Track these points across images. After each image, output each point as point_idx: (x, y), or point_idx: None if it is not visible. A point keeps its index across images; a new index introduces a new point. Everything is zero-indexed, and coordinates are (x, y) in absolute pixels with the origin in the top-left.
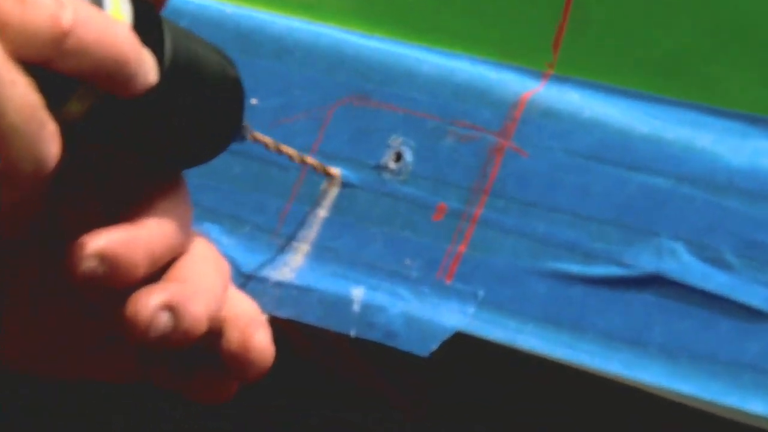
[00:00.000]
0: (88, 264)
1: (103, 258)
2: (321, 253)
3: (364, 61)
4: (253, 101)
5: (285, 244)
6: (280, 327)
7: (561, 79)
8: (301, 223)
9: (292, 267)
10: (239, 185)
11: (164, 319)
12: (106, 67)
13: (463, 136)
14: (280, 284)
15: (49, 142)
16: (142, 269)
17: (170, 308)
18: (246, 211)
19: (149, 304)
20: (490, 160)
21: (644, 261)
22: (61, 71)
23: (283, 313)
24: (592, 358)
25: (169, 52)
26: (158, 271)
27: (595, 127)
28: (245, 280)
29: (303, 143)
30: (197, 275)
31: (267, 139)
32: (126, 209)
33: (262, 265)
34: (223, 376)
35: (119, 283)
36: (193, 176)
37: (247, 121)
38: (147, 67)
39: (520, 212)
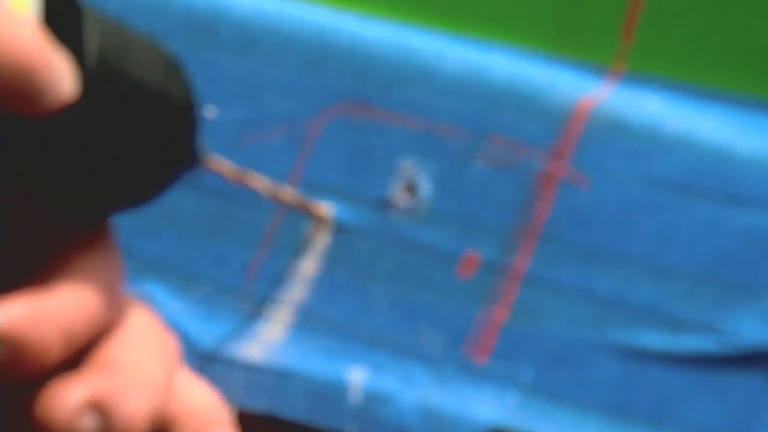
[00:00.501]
0: None
1: (3, 340)
2: (306, 322)
3: (363, 55)
4: (210, 114)
5: (256, 311)
6: (250, 425)
7: (634, 78)
8: (278, 280)
9: (266, 342)
10: (193, 230)
11: (89, 423)
12: (3, 78)
13: (500, 159)
14: (249, 366)
15: None
16: (55, 353)
17: (96, 407)
18: (202, 266)
19: (68, 402)
20: (537, 193)
21: (748, 330)
22: None
23: (254, 406)
24: None
25: (92, 53)
26: (78, 353)
27: (680, 147)
28: (202, 361)
29: (279, 170)
30: (132, 359)
31: (229, 167)
32: (32, 271)
33: (225, 340)
34: None
35: (26, 372)
36: (128, 219)
37: (202, 142)
38: (61, 76)
39: (579, 264)
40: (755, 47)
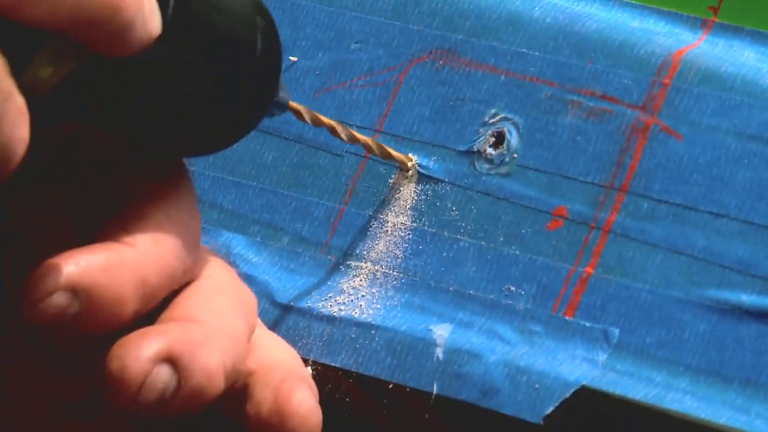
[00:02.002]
0: (57, 300)
1: (77, 290)
2: (389, 275)
3: (450, 2)
4: (292, 59)
5: (338, 263)
6: (330, 382)
7: (728, 30)
8: (361, 232)
9: (348, 296)
10: (273, 179)
11: (164, 376)
12: (89, 15)
13: (591, 110)
14: (331, 320)
15: (15, 121)
16: (131, 306)
17: (171, 360)
18: (284, 217)
19: (142, 354)
20: (630, 145)
21: None
22: (26, 21)
23: (335, 362)
24: None
25: None
26: (154, 307)
27: None
28: (282, 313)
29: (363, 119)
30: (209, 313)
31: (312, 114)
32: (108, 220)
33: (306, 293)
34: None
35: (100, 325)
36: (206, 167)
37: (286, 89)
38: (147, 14)
39: (672, 218)
40: None
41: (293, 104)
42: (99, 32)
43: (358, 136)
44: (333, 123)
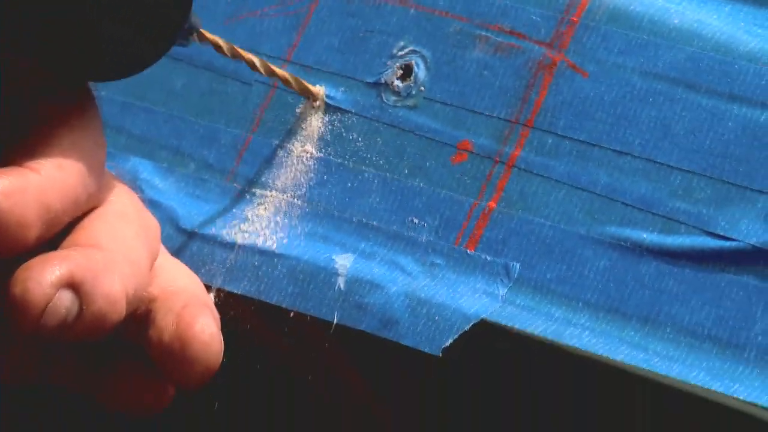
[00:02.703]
0: None
1: None
2: (293, 204)
3: None
4: None
5: (244, 191)
6: (233, 309)
7: None
8: (268, 161)
9: (252, 224)
10: (181, 105)
11: (66, 301)
12: None
13: (499, 45)
14: (234, 247)
15: None
16: (34, 230)
17: (74, 285)
18: (190, 143)
19: (44, 279)
20: (536, 81)
21: (745, 229)
22: None
23: (237, 289)
24: (669, 364)
25: None
26: (58, 233)
27: (683, 39)
28: (186, 239)
29: (272, 48)
30: (112, 239)
31: (221, 42)
32: (11, 143)
33: (210, 220)
34: (152, 378)
35: (3, 249)
36: (115, 92)
37: (195, 16)
38: None
39: (576, 155)
40: None
41: (212, 36)
42: None
43: (278, 71)
44: (252, 57)
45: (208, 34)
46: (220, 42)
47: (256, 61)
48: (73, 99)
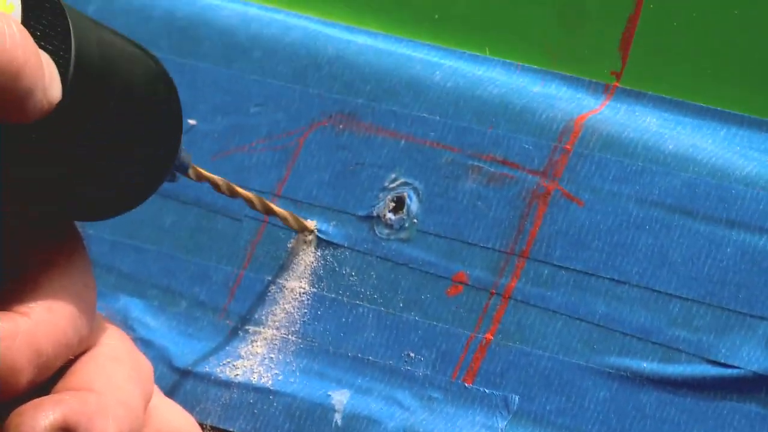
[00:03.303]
0: None
1: None
2: (287, 341)
3: (351, 64)
4: (192, 122)
5: (237, 328)
6: None
7: (631, 95)
8: (260, 297)
9: (246, 361)
10: (171, 243)
11: None
12: None
13: (492, 175)
14: (229, 385)
15: None
16: (25, 375)
17: (67, 430)
18: (181, 280)
19: (38, 425)
20: (530, 211)
21: (746, 356)
22: None
23: (233, 427)
24: None
25: (75, 56)
26: (49, 376)
27: (678, 165)
28: (180, 378)
29: (262, 183)
30: (105, 382)
31: (218, 180)
32: (2, 291)
33: (204, 358)
34: None
35: None
36: (104, 231)
37: (185, 151)
38: (47, 82)
39: (573, 285)
40: (755, 67)
41: (209, 174)
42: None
43: (276, 209)
44: (250, 195)
45: (205, 173)
46: (218, 180)
47: (254, 199)
48: (61, 240)
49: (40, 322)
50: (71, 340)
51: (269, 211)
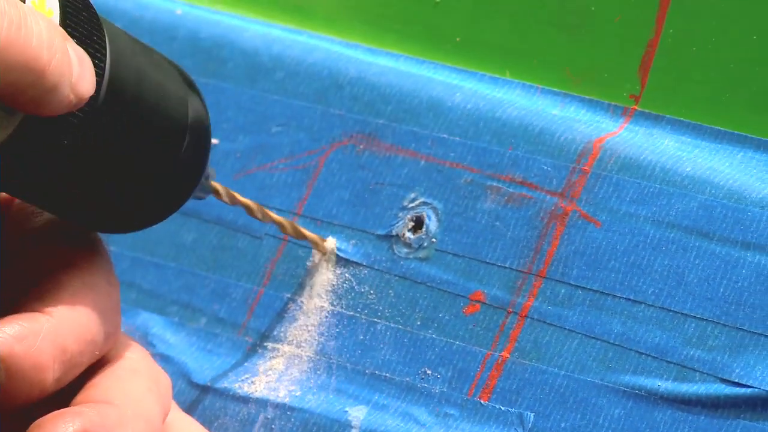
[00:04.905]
0: None
1: None
2: (306, 358)
3: (372, 85)
4: (215, 141)
5: (256, 345)
6: None
7: (650, 118)
8: (279, 315)
9: (265, 377)
10: (192, 260)
11: None
12: (15, 76)
13: (510, 195)
14: (247, 401)
15: None
16: (51, 373)
17: None
18: (201, 297)
19: None
20: (548, 231)
21: (760, 375)
22: None
23: None
24: None
25: (110, 62)
26: (77, 375)
27: (695, 188)
28: (199, 394)
29: (282, 202)
30: (124, 395)
31: (246, 203)
32: (25, 291)
33: (223, 374)
34: None
35: (23, 394)
36: (125, 247)
37: (211, 167)
38: (76, 76)
39: (589, 304)
40: None
41: (244, 199)
42: (23, 92)
43: (274, 216)
44: (249, 202)
45: (239, 197)
46: (251, 204)
47: (286, 224)
48: (82, 240)
49: (63, 320)
50: (96, 336)
51: (300, 236)
